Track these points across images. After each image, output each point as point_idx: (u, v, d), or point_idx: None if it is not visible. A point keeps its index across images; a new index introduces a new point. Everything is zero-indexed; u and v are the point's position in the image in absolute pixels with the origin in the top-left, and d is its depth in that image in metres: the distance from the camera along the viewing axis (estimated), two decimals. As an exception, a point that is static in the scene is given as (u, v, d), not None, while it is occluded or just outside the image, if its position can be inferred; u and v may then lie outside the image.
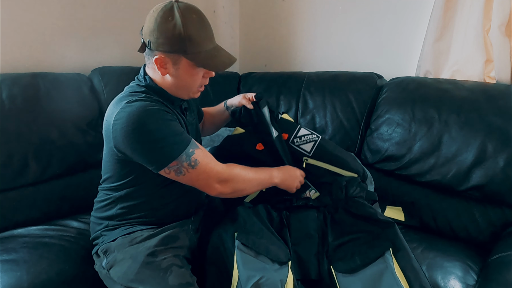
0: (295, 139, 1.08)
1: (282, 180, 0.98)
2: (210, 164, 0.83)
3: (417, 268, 0.77)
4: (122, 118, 0.75)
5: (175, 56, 0.79)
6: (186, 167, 0.78)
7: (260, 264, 0.79)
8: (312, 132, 1.10)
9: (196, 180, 0.82)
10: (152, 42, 0.78)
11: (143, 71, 0.88)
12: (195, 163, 0.79)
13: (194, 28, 0.78)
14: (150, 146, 0.75)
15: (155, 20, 0.77)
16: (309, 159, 1.07)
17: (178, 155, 0.77)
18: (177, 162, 0.77)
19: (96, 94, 1.30)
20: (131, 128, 0.74)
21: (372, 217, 0.92)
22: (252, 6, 1.96)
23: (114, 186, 0.87)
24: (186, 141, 0.79)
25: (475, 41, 1.24)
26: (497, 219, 1.06)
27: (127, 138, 0.75)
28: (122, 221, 0.88)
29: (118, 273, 0.81)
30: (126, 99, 0.78)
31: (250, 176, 0.90)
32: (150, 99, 0.80)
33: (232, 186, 0.86)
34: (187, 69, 0.82)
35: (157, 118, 0.76)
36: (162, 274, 0.76)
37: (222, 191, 0.85)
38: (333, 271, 0.82)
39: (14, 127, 1.07)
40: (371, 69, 1.50)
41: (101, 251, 0.87)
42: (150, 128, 0.75)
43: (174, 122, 0.80)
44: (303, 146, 1.07)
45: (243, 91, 1.70)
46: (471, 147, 1.09)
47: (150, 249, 0.81)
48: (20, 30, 1.22)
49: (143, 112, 0.75)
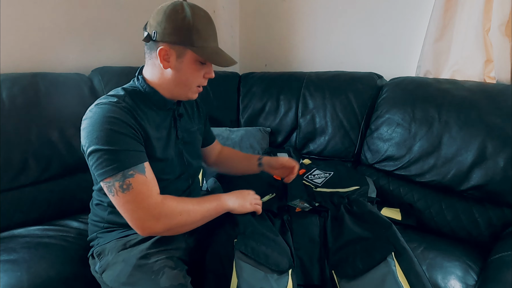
0: (309, 176, 1.28)
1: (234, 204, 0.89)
2: (144, 194, 0.73)
3: (420, 272, 0.76)
4: (87, 119, 0.75)
5: (180, 48, 0.78)
6: (116, 188, 0.71)
7: (260, 273, 0.78)
8: (325, 172, 1.30)
9: (123, 207, 0.74)
10: (158, 33, 0.78)
11: (138, 71, 0.87)
12: (128, 187, 0.71)
13: (202, 23, 0.79)
14: (95, 153, 0.72)
15: (164, 12, 0.77)
16: (318, 187, 1.20)
17: (114, 173, 0.71)
18: (110, 179, 0.71)
19: (96, 94, 1.30)
20: (87, 130, 0.73)
21: (373, 216, 0.92)
22: (252, 6, 1.96)
23: (99, 188, 0.86)
24: (130, 162, 0.72)
25: (475, 41, 1.24)
26: (497, 219, 1.06)
27: (84, 139, 0.74)
28: (116, 225, 0.87)
29: (110, 277, 0.80)
30: (99, 100, 0.78)
31: (189, 208, 0.80)
32: (119, 105, 0.76)
33: (165, 225, 0.76)
34: (190, 64, 0.81)
35: (110, 130, 0.72)
36: (154, 277, 0.75)
37: (150, 230, 0.75)
38: (335, 276, 0.81)
39: (14, 127, 1.07)
40: (371, 69, 1.50)
41: (96, 253, 0.86)
42: (101, 136, 0.72)
43: (129, 138, 0.74)
44: (315, 180, 1.25)
45: (243, 91, 1.71)
46: (471, 146, 1.09)
47: (143, 252, 0.80)
48: (20, 30, 1.22)
49: (101, 118, 0.73)
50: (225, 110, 1.68)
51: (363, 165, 1.40)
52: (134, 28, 1.56)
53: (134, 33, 1.57)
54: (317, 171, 1.31)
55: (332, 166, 1.34)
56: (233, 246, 0.83)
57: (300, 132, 1.53)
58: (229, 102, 1.70)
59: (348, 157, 1.44)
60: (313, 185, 1.22)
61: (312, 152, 1.51)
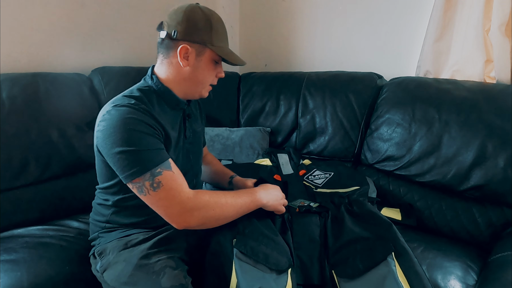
0: (310, 176, 1.28)
1: (268, 201, 0.91)
2: (176, 190, 0.75)
3: (421, 273, 0.76)
4: (105, 121, 0.75)
5: (200, 47, 0.82)
6: (147, 187, 0.73)
7: (259, 273, 0.78)
8: (325, 173, 1.29)
9: (156, 206, 0.75)
10: (179, 32, 0.80)
11: (150, 71, 0.88)
12: (158, 185, 0.73)
13: (219, 24, 0.85)
14: (121, 156, 0.72)
15: (184, 13, 0.81)
16: (319, 188, 1.20)
17: (143, 173, 0.72)
18: (140, 179, 0.72)
19: (96, 94, 1.30)
20: (108, 132, 0.73)
21: (373, 216, 0.92)
22: (252, 6, 1.96)
23: (104, 188, 0.87)
24: (156, 160, 0.74)
25: (475, 41, 1.24)
26: (497, 219, 1.06)
27: (104, 142, 0.74)
28: (117, 225, 0.88)
29: (111, 276, 0.80)
30: (116, 102, 0.78)
31: (223, 201, 0.81)
32: (138, 107, 0.77)
33: (200, 218, 0.77)
34: (207, 63, 0.85)
35: (134, 130, 0.73)
36: (155, 277, 0.75)
37: (186, 224, 0.76)
38: (335, 276, 0.81)
39: (14, 127, 1.07)
40: (371, 69, 1.50)
41: (97, 253, 0.87)
42: (124, 138, 0.72)
43: (151, 137, 0.76)
44: (316, 181, 1.25)
45: (243, 91, 1.71)
46: (471, 147, 1.09)
47: (144, 252, 0.81)
48: (20, 30, 1.22)
49: (123, 120, 0.73)
50: (225, 110, 1.69)
51: (363, 165, 1.40)
52: (134, 28, 1.56)
53: (134, 33, 1.57)
54: (317, 172, 1.31)
55: (332, 166, 1.34)
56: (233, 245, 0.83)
57: (300, 132, 1.53)
58: (229, 102, 1.70)
59: (348, 157, 1.44)
60: (314, 185, 1.22)
61: (312, 152, 1.51)
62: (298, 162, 1.41)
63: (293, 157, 1.43)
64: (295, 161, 1.40)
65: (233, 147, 1.51)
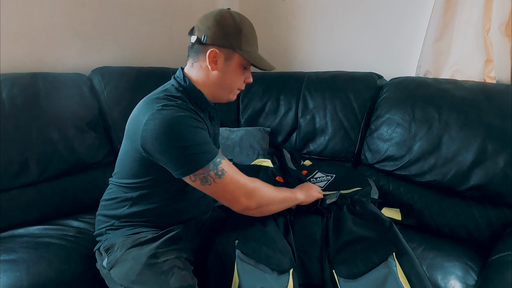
0: (311, 179, 1.29)
1: (305, 197, 0.99)
2: (236, 175, 0.82)
3: (422, 273, 0.76)
4: (155, 119, 0.75)
5: (229, 52, 0.83)
6: (212, 176, 0.78)
7: (260, 273, 0.78)
8: (327, 175, 1.30)
9: (222, 192, 0.81)
10: (208, 36, 0.82)
11: (181, 72, 0.89)
12: (222, 172, 0.78)
13: (248, 30, 0.86)
14: (179, 151, 0.75)
15: (214, 18, 0.83)
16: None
17: (206, 164, 0.76)
18: (204, 170, 0.77)
19: (96, 94, 1.30)
20: (163, 131, 0.74)
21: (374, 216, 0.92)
22: (252, 6, 1.96)
23: (128, 184, 0.87)
24: (214, 151, 0.79)
25: (475, 41, 1.24)
26: (497, 219, 1.06)
27: (157, 140, 0.75)
28: (128, 222, 0.88)
29: (119, 274, 0.81)
30: (162, 102, 0.79)
31: (273, 192, 0.89)
32: (185, 107, 0.80)
33: (258, 200, 0.84)
34: (236, 67, 0.86)
35: (190, 126, 0.77)
36: (163, 277, 0.76)
37: (248, 204, 0.83)
38: (336, 276, 0.81)
39: (14, 127, 1.07)
40: (371, 69, 1.50)
41: (103, 249, 0.87)
42: (182, 134, 0.75)
43: (204, 131, 0.81)
44: (317, 184, 1.25)
45: (243, 91, 1.69)
46: (471, 147, 1.09)
47: (152, 251, 0.81)
48: (20, 30, 1.22)
49: (177, 118, 0.76)
50: (225, 110, 1.68)
51: (363, 165, 1.40)
52: (134, 28, 1.57)
53: (134, 33, 1.57)
54: (318, 173, 1.31)
55: (333, 168, 1.34)
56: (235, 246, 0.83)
57: (300, 132, 1.53)
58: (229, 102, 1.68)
59: (348, 157, 1.44)
60: None
61: (312, 152, 1.51)
62: (300, 162, 1.41)
63: (295, 157, 1.43)
64: (297, 160, 1.40)
65: (233, 146, 1.51)
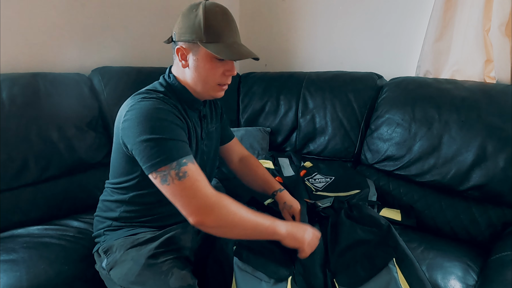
0: (310, 180, 1.29)
1: (288, 232, 0.79)
2: (200, 183, 0.73)
3: (423, 278, 0.75)
4: (133, 110, 0.75)
5: (194, 46, 0.80)
6: (172, 176, 0.71)
7: (257, 281, 0.78)
8: (326, 177, 1.30)
9: (179, 195, 0.72)
10: (176, 33, 0.82)
11: (168, 70, 0.89)
12: (184, 174, 0.71)
13: (215, 20, 0.80)
14: (148, 143, 0.72)
15: (182, 14, 0.82)
16: (319, 191, 1.21)
17: (169, 162, 0.71)
18: (166, 168, 0.71)
19: (96, 94, 1.30)
20: (138, 121, 0.74)
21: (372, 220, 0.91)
22: (252, 6, 1.96)
23: (120, 185, 0.86)
24: (183, 151, 0.74)
25: (475, 41, 1.24)
26: (497, 219, 1.06)
27: (131, 130, 0.74)
28: (126, 223, 0.88)
29: (118, 275, 0.80)
30: (143, 95, 0.79)
31: (243, 214, 0.75)
32: (166, 101, 0.79)
33: (217, 219, 0.72)
34: (205, 61, 0.81)
35: (163, 119, 0.74)
36: (163, 277, 0.76)
37: (203, 220, 0.71)
38: (337, 285, 0.80)
39: (14, 127, 1.07)
40: (371, 69, 1.50)
41: (101, 250, 0.87)
42: (154, 127, 0.73)
43: (179, 129, 0.77)
44: (316, 184, 1.26)
45: (243, 91, 1.71)
46: (471, 147, 1.09)
47: (152, 251, 0.81)
48: (20, 30, 1.22)
49: (153, 109, 0.74)
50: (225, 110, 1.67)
51: (363, 165, 1.40)
52: (134, 28, 1.56)
53: (134, 33, 1.57)
54: (318, 175, 1.31)
55: (333, 170, 1.33)
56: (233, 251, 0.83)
57: (300, 132, 1.53)
58: (229, 102, 1.70)
59: (348, 157, 1.44)
60: (314, 188, 1.22)
61: (312, 152, 1.51)
62: (299, 165, 1.41)
63: (294, 160, 1.43)
64: (296, 163, 1.40)
65: (233, 146, 1.51)
